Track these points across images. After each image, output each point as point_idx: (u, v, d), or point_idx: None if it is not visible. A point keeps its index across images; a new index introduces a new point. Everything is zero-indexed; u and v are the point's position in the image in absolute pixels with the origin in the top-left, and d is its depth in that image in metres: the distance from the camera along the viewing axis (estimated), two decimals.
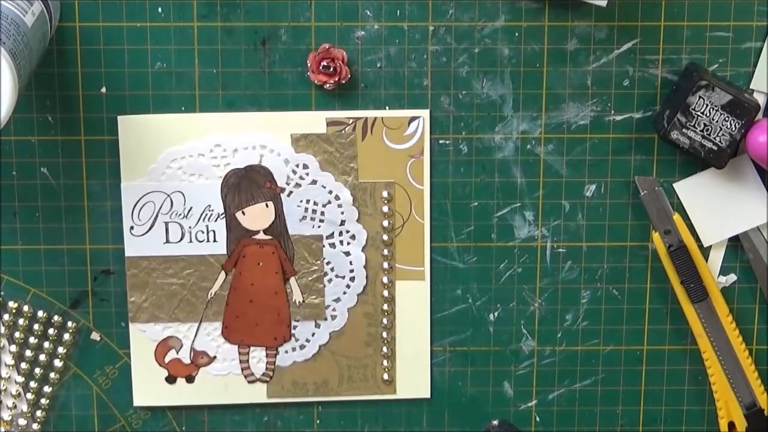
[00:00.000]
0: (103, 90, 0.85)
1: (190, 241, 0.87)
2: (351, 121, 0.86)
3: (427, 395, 0.91)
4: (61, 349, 0.89)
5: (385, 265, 0.89)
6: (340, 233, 0.88)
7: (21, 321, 0.88)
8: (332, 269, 0.88)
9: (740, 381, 0.89)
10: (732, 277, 0.90)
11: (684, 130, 0.84)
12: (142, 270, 0.88)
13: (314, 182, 0.87)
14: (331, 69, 0.84)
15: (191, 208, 0.87)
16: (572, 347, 0.91)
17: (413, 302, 0.89)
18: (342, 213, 0.88)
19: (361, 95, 0.86)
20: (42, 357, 0.89)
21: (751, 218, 0.88)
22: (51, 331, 0.88)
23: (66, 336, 0.89)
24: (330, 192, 0.87)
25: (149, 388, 0.90)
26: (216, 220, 0.87)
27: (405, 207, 0.88)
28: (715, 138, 0.84)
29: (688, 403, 0.92)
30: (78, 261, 0.88)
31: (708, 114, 0.84)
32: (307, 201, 0.87)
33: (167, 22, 0.85)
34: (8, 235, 0.87)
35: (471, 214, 0.88)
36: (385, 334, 0.90)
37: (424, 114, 0.86)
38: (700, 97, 0.83)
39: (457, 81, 0.86)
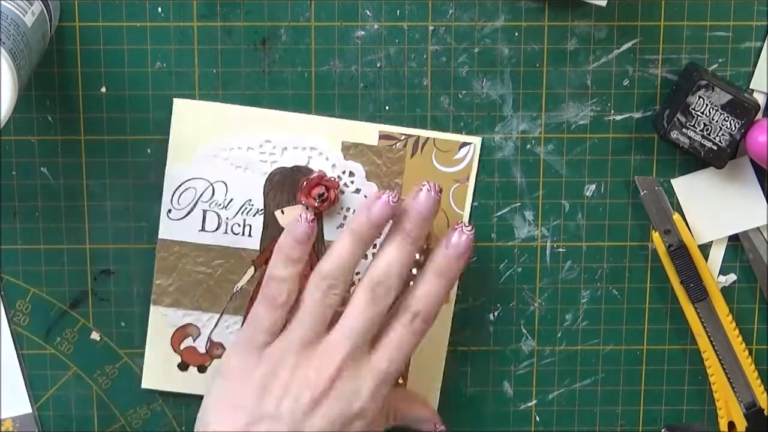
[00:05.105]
0: (103, 90, 0.85)
1: (225, 232, 0.87)
2: (403, 137, 0.86)
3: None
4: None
5: None
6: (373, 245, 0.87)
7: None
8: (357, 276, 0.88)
9: (740, 381, 0.89)
10: (732, 277, 0.90)
11: (684, 129, 0.84)
12: (173, 254, 0.87)
13: (358, 191, 0.86)
14: (324, 196, 0.85)
15: (232, 199, 0.86)
16: (572, 347, 0.90)
17: None
18: None
19: (361, 95, 0.86)
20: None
21: (747, 219, 0.88)
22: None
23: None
24: None
25: (159, 372, 0.89)
26: (254, 215, 0.87)
27: (442, 230, 0.86)
28: (715, 138, 0.84)
29: (688, 402, 0.92)
30: (78, 261, 0.88)
31: (708, 114, 0.84)
32: (347, 209, 0.87)
33: (167, 22, 0.85)
34: (8, 235, 0.87)
35: (471, 214, 0.88)
36: None
37: (476, 141, 0.86)
38: (699, 97, 0.83)
39: (457, 81, 0.86)
